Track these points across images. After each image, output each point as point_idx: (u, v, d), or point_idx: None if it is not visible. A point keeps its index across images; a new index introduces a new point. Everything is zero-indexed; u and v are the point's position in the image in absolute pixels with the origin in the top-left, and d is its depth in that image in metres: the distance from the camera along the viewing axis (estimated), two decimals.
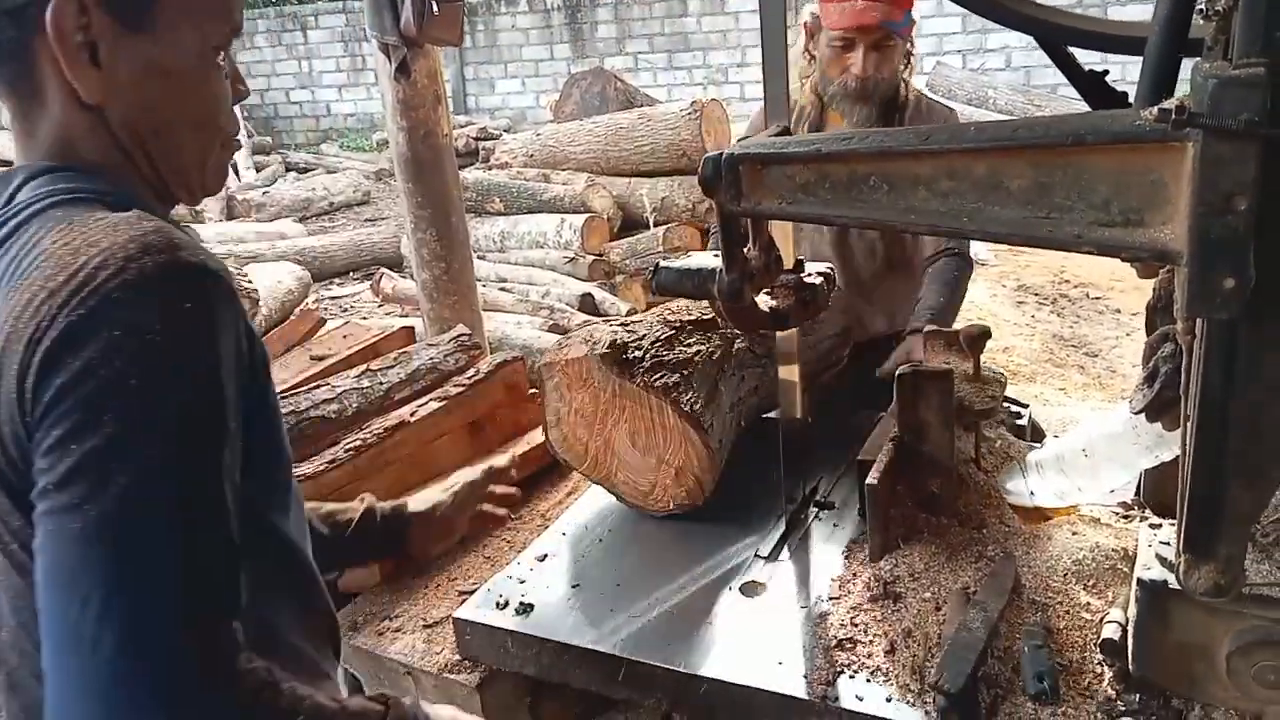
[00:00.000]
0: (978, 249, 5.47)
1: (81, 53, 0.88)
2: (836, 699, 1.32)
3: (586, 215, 5.93)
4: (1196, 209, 0.78)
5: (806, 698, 1.33)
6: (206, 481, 0.77)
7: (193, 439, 0.76)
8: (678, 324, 1.87)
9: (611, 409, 1.77)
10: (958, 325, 1.97)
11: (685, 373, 1.75)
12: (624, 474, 1.81)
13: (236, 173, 10.45)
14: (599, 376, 1.76)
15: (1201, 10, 0.85)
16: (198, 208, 8.02)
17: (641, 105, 7.05)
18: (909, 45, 2.35)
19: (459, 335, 2.45)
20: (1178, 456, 1.08)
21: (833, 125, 2.38)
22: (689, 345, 1.82)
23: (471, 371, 2.27)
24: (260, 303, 4.50)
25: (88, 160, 0.92)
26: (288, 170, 11.24)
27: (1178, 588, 1.07)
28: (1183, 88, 0.85)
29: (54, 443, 0.72)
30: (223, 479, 0.78)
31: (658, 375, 1.73)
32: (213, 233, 7.21)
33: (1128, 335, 5.17)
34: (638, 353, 1.76)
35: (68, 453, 0.71)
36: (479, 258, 5.96)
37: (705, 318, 1.88)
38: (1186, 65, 0.89)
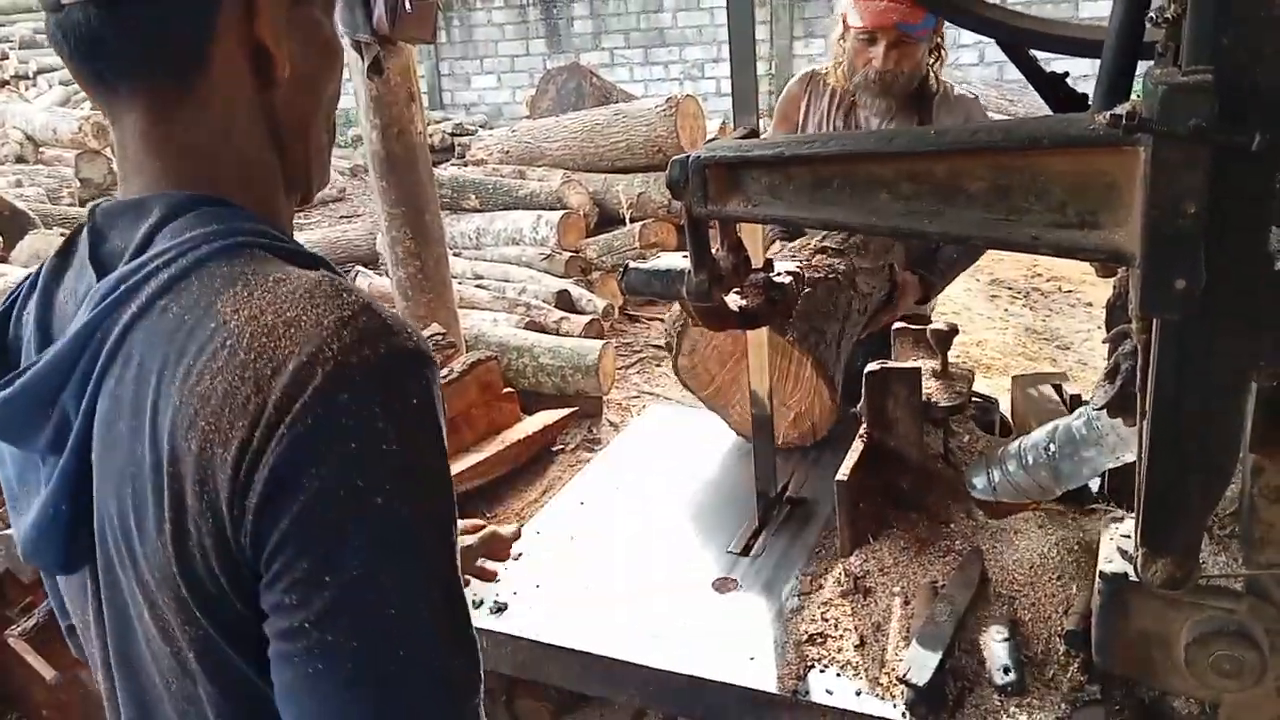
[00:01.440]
0: None
1: (281, 14, 0.76)
2: (807, 693, 1.34)
3: (563, 211, 5.92)
4: (1148, 212, 0.80)
5: (778, 692, 1.34)
6: (454, 584, 0.70)
7: (441, 549, 0.69)
8: (812, 281, 1.95)
9: None
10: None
11: (824, 329, 1.87)
12: (742, 408, 1.91)
13: None
14: None
15: (1152, 17, 0.87)
16: None
17: (617, 101, 7.05)
18: (939, 39, 2.42)
19: (434, 334, 2.46)
20: None
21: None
22: (831, 301, 1.95)
23: (446, 371, 2.27)
24: None
25: (238, 172, 0.77)
26: None
27: (1137, 580, 1.09)
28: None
29: (301, 576, 0.64)
30: (459, 574, 0.72)
31: (805, 331, 1.84)
32: None
33: (1099, 328, 5.22)
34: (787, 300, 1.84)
35: (320, 587, 0.64)
36: (454, 255, 5.95)
37: (830, 276, 2.00)
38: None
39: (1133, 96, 0.86)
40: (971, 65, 9.81)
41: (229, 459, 0.63)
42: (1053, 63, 1.25)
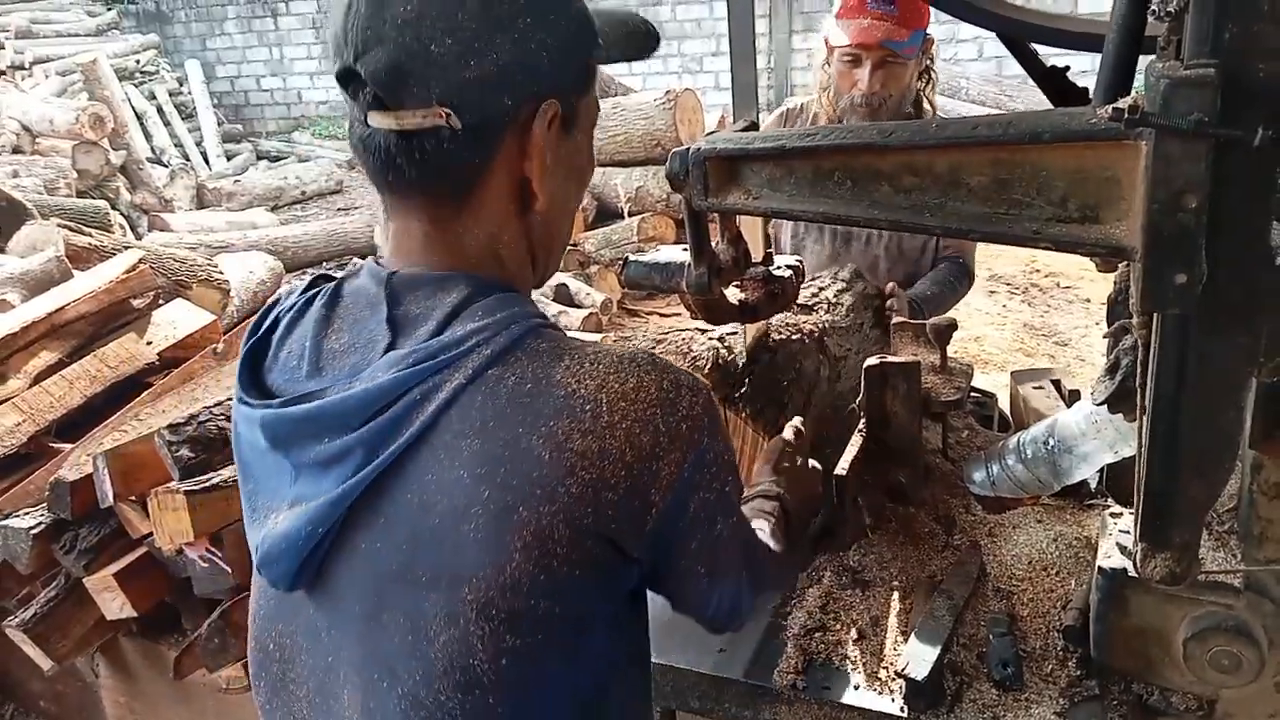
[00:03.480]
0: None
1: (550, 163, 0.91)
2: (805, 687, 1.33)
3: None
4: (1149, 206, 0.80)
5: (776, 686, 1.34)
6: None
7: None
8: (773, 345, 1.74)
9: None
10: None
11: (784, 401, 1.65)
12: None
13: (207, 161, 10.33)
14: None
15: (1154, 11, 0.86)
16: (169, 196, 7.92)
17: (616, 94, 7.03)
18: (929, 61, 2.36)
19: None
20: None
21: None
22: (785, 370, 1.71)
23: None
24: (232, 293, 4.46)
25: (502, 272, 0.92)
26: (259, 158, 11.11)
27: (1136, 575, 1.09)
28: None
29: (697, 549, 0.91)
30: None
31: (760, 405, 1.61)
32: (184, 222, 7.13)
33: (1097, 324, 5.24)
34: (737, 373, 1.64)
35: (708, 554, 0.92)
36: None
37: (794, 337, 1.78)
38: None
39: (1134, 91, 0.86)
40: (970, 61, 9.79)
41: (617, 499, 0.81)
42: (1052, 58, 1.26)
